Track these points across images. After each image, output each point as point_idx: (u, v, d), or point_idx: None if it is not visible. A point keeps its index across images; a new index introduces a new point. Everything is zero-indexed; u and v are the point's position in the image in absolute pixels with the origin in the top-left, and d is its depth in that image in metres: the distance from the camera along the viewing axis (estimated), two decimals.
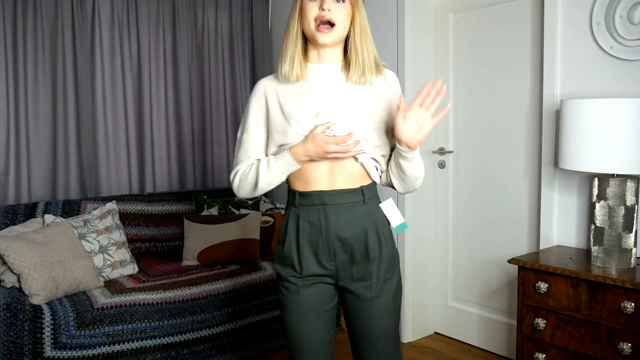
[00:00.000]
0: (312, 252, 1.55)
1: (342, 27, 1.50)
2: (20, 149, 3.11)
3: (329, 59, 1.56)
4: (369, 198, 1.58)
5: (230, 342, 2.85)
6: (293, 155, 1.50)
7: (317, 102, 1.52)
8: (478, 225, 3.05)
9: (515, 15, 2.79)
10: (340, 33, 1.51)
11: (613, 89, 2.33)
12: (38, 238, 2.56)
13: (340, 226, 1.53)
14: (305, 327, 1.57)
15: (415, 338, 3.23)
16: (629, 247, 2.12)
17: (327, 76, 1.55)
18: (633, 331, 1.97)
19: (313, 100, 1.53)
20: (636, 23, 2.24)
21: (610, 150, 2.04)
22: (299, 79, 1.54)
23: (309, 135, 1.49)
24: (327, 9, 1.45)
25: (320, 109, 1.51)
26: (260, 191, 1.58)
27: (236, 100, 3.95)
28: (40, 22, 3.13)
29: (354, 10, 1.52)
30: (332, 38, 1.49)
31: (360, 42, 1.52)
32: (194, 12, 3.71)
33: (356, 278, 1.56)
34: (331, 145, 1.45)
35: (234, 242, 3.15)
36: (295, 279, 1.57)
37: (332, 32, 1.48)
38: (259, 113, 1.58)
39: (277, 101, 1.55)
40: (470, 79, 3.04)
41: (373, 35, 1.63)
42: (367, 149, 1.52)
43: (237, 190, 1.61)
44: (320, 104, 1.52)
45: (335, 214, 1.52)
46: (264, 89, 1.58)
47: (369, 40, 1.54)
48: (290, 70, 1.52)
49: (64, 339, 2.38)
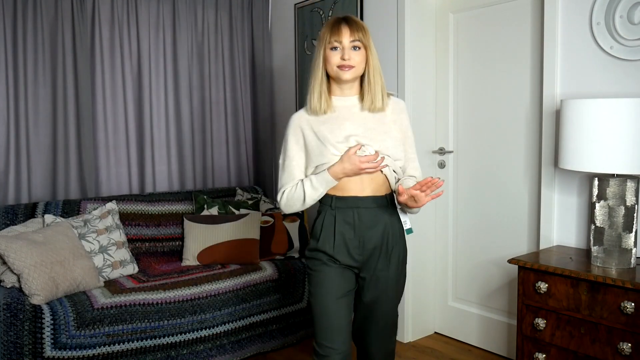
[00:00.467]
0: (344, 245, 1.89)
1: (360, 68, 1.88)
2: (20, 149, 3.11)
3: (349, 92, 1.93)
4: (391, 204, 1.95)
5: (230, 342, 2.85)
6: (332, 175, 1.85)
7: (344, 127, 1.89)
8: (478, 225, 3.05)
9: (515, 15, 2.79)
10: (358, 72, 1.88)
11: (613, 89, 2.33)
12: (38, 238, 2.56)
13: (370, 225, 1.89)
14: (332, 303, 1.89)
15: (415, 338, 3.23)
16: (629, 247, 2.12)
17: (349, 106, 1.93)
18: (633, 331, 1.97)
19: (341, 126, 1.89)
20: (636, 23, 2.24)
21: (610, 150, 2.04)
22: (326, 112, 1.91)
23: (344, 157, 1.83)
24: (348, 58, 1.84)
25: (348, 133, 1.87)
26: (306, 206, 1.91)
27: (236, 100, 3.95)
28: (40, 22, 3.13)
29: (368, 53, 1.88)
30: (352, 75, 1.87)
31: (372, 79, 1.90)
32: (194, 12, 3.71)
33: (375, 267, 1.91)
34: (364, 163, 1.80)
35: (234, 242, 3.15)
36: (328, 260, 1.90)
37: (351, 70, 1.86)
38: (296, 142, 1.93)
39: (311, 130, 1.91)
40: (470, 79, 3.04)
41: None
42: (390, 163, 1.90)
43: (285, 207, 1.93)
44: (348, 129, 1.88)
45: (367, 215, 1.88)
46: (299, 122, 1.94)
47: (378, 76, 1.91)
48: (318, 106, 1.90)
49: (64, 339, 2.38)
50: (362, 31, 1.87)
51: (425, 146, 3.20)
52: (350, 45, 1.85)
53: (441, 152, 3.19)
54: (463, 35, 3.06)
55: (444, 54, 3.15)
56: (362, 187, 1.88)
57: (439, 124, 3.21)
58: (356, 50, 1.86)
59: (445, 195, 3.20)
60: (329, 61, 1.87)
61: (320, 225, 1.92)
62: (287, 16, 3.93)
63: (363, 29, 1.88)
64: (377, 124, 1.91)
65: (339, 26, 1.86)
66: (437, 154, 3.22)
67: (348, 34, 1.85)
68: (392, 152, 1.90)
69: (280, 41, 4.03)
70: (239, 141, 3.99)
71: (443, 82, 3.17)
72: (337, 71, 1.86)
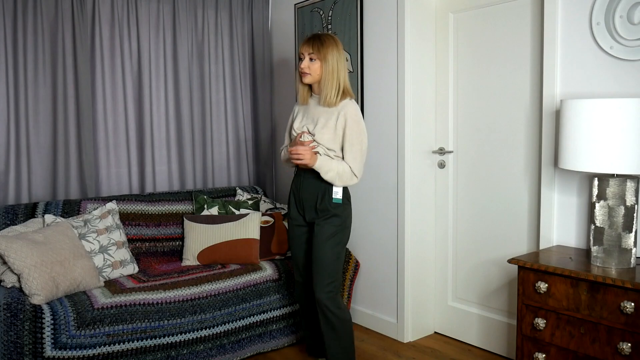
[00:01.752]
0: (294, 204, 2.66)
1: (315, 75, 2.53)
2: (20, 149, 3.11)
3: (316, 91, 2.59)
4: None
5: (230, 342, 2.85)
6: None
7: (307, 117, 2.60)
8: (478, 225, 3.05)
9: (515, 15, 2.79)
10: (313, 78, 2.54)
11: (613, 89, 2.33)
12: (38, 238, 2.56)
13: (307, 190, 2.57)
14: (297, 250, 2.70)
15: (415, 338, 3.23)
16: (629, 247, 2.13)
17: (313, 102, 2.61)
18: (633, 331, 1.97)
19: (306, 116, 2.61)
20: (636, 23, 2.24)
21: (610, 150, 2.04)
22: (304, 103, 2.64)
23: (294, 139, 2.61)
24: (304, 67, 2.52)
25: (305, 122, 2.59)
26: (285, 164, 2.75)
27: (236, 100, 3.95)
28: (40, 22, 3.13)
29: (322, 64, 2.50)
30: (307, 80, 2.55)
31: (324, 82, 2.51)
32: (194, 12, 3.71)
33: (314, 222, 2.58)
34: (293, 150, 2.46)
35: (234, 242, 3.15)
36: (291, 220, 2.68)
37: (307, 77, 2.54)
38: (290, 121, 2.73)
39: (295, 114, 2.69)
40: (470, 79, 3.04)
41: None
42: (322, 150, 2.52)
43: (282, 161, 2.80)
44: (306, 120, 2.59)
45: (306, 183, 2.57)
46: (294, 108, 2.73)
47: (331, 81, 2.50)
48: (300, 99, 2.63)
49: (64, 339, 2.38)
50: (318, 46, 2.48)
51: (425, 146, 3.20)
52: (308, 57, 2.51)
53: (441, 152, 3.19)
54: (463, 35, 3.06)
55: (444, 54, 3.15)
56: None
57: (439, 124, 3.21)
58: (312, 61, 2.50)
59: (445, 195, 3.21)
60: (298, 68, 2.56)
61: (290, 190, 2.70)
62: (287, 16, 3.93)
63: (320, 45, 2.48)
64: (324, 118, 2.52)
65: (303, 43, 2.54)
66: (437, 154, 3.22)
67: (307, 49, 2.50)
68: (325, 142, 2.50)
69: (280, 41, 4.03)
70: (239, 141, 3.99)
71: (443, 82, 3.17)
72: (301, 77, 2.55)
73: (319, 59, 2.48)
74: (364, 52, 3.34)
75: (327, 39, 2.51)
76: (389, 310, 3.29)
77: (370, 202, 3.36)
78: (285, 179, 4.07)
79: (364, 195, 3.39)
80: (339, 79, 2.50)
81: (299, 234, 2.66)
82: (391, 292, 3.26)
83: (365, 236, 3.40)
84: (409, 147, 3.13)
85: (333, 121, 2.49)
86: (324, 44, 2.49)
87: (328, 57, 2.48)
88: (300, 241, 2.66)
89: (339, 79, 2.50)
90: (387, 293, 3.28)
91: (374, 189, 3.33)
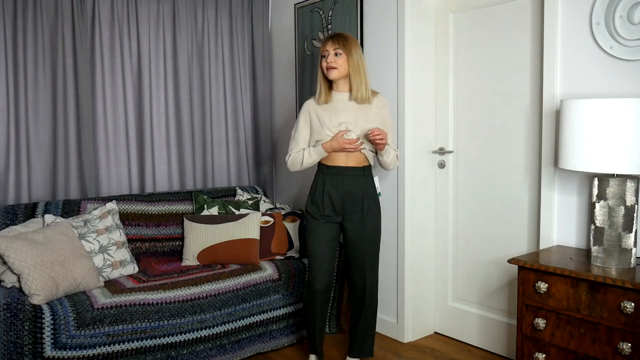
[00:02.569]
0: (330, 202, 2.62)
1: (342, 69, 2.57)
2: (20, 149, 3.11)
3: (342, 88, 2.65)
4: (367, 174, 2.65)
5: (230, 342, 2.85)
6: (324, 148, 2.60)
7: (339, 115, 2.61)
8: (478, 225, 3.05)
9: (515, 15, 2.79)
10: (340, 72, 2.58)
11: (613, 89, 2.33)
12: (38, 238, 2.56)
13: (349, 187, 2.60)
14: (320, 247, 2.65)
15: (415, 338, 3.23)
16: (629, 247, 2.13)
17: (342, 99, 2.64)
18: (633, 331, 1.97)
19: (337, 114, 2.61)
20: (636, 23, 2.24)
21: (610, 150, 2.04)
22: (327, 102, 2.64)
23: (334, 137, 2.58)
24: (331, 62, 2.56)
25: (341, 120, 2.59)
26: (304, 167, 2.68)
27: (236, 100, 3.95)
28: (40, 22, 3.13)
29: (348, 57, 2.56)
30: (334, 75, 2.58)
31: (353, 78, 2.58)
32: (194, 12, 3.71)
33: (354, 219, 2.63)
34: (346, 144, 2.55)
35: (234, 242, 3.15)
36: (318, 216, 2.64)
37: (334, 71, 2.57)
38: (305, 121, 2.69)
39: (315, 115, 2.65)
40: (470, 79, 3.04)
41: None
42: (367, 145, 2.61)
43: (290, 165, 2.71)
44: (341, 117, 2.60)
45: (348, 180, 2.60)
46: (308, 107, 2.69)
47: (360, 75, 2.57)
48: (320, 98, 2.65)
49: (64, 339, 2.38)
50: (343, 42, 2.55)
51: (425, 146, 3.20)
52: (333, 52, 2.56)
53: (441, 152, 3.19)
54: (463, 35, 3.06)
55: (444, 54, 3.15)
56: (346, 161, 2.60)
57: (439, 124, 3.21)
58: (337, 56, 2.56)
59: (445, 195, 3.21)
60: (322, 66, 2.60)
61: (315, 186, 2.67)
62: (287, 16, 3.93)
63: (344, 40, 2.56)
64: (362, 114, 2.59)
65: (326, 41, 2.60)
66: (437, 154, 3.22)
67: (332, 45, 2.56)
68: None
69: (280, 41, 4.03)
70: (239, 141, 3.99)
71: (443, 82, 3.17)
72: (326, 72, 2.58)
73: (344, 53, 2.55)
74: (364, 52, 3.34)
75: (349, 36, 2.62)
76: (389, 310, 3.29)
77: None
78: (285, 179, 4.07)
79: None
80: (365, 74, 2.59)
81: (329, 235, 2.64)
82: (391, 292, 3.26)
83: None
84: (409, 147, 3.12)
85: (372, 115, 2.60)
86: (347, 39, 2.58)
87: (353, 52, 2.56)
88: (329, 242, 2.65)
89: (365, 75, 2.59)
90: (387, 293, 3.28)
91: None
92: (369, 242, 2.64)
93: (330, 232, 2.64)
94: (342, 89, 2.62)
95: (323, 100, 2.63)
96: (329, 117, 2.60)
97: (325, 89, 2.63)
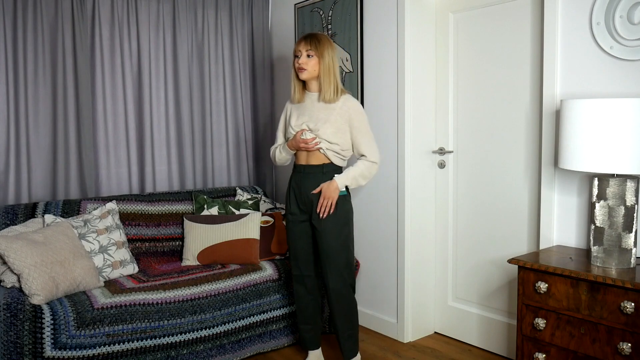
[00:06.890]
0: (295, 199, 2.72)
1: (312, 71, 2.62)
2: (20, 149, 3.11)
3: (313, 89, 2.70)
4: (326, 172, 2.66)
5: (230, 342, 2.85)
6: (288, 146, 2.73)
7: (304, 115, 2.68)
8: (478, 225, 3.05)
9: (515, 15, 2.79)
10: (310, 74, 2.62)
11: (613, 89, 2.33)
12: (38, 238, 2.56)
13: (308, 185, 2.66)
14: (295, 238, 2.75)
15: (415, 338, 3.23)
16: (629, 247, 2.13)
17: (312, 99, 2.69)
18: (633, 331, 1.97)
19: (303, 114, 2.69)
20: (636, 23, 2.24)
21: (610, 150, 2.04)
22: (300, 102, 2.72)
23: (293, 136, 2.68)
24: (302, 63, 2.61)
25: (303, 120, 2.66)
26: (279, 162, 2.84)
27: (236, 100, 3.95)
28: (40, 22, 3.13)
29: (320, 60, 2.60)
30: (305, 76, 2.63)
31: (323, 80, 2.61)
32: (194, 12, 3.71)
33: (316, 218, 2.63)
34: (301, 143, 2.63)
35: (234, 242, 3.15)
36: (289, 213, 2.75)
37: (304, 72, 2.62)
38: (283, 119, 2.83)
39: (290, 113, 2.76)
40: (470, 79, 3.04)
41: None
42: (326, 145, 2.62)
43: (272, 159, 2.90)
44: (304, 117, 2.67)
45: (307, 178, 2.66)
46: (287, 105, 2.82)
47: (330, 77, 2.61)
48: (294, 97, 2.73)
49: (64, 339, 2.38)
50: (315, 44, 2.59)
51: (425, 146, 3.20)
52: (305, 53, 2.60)
53: (441, 152, 3.19)
54: (463, 35, 3.06)
55: (444, 54, 3.15)
56: (307, 159, 2.67)
57: (439, 124, 3.21)
58: (309, 57, 2.60)
59: (445, 195, 3.21)
60: (294, 66, 2.65)
61: (288, 184, 2.77)
62: (287, 16, 3.93)
63: (317, 42, 2.59)
64: (324, 114, 2.62)
65: (299, 41, 2.64)
66: (437, 154, 3.22)
67: (305, 46, 2.60)
68: (328, 136, 2.60)
69: (280, 41, 4.03)
70: (239, 141, 3.99)
71: (443, 82, 3.17)
72: (298, 73, 2.63)
73: (316, 55, 2.59)
74: (364, 52, 3.34)
75: (322, 37, 2.64)
76: (389, 310, 3.29)
77: (370, 202, 3.36)
78: (285, 179, 4.07)
79: (364, 195, 3.39)
80: (335, 75, 2.62)
81: (301, 230, 2.72)
82: (391, 292, 3.26)
83: (365, 236, 3.40)
84: (409, 147, 3.12)
85: (335, 116, 2.60)
86: (320, 41, 2.61)
87: (324, 54, 2.59)
88: (302, 236, 2.72)
89: (335, 76, 2.62)
90: (387, 293, 3.28)
91: (374, 188, 3.33)
92: (326, 242, 2.61)
93: (303, 229, 2.71)
94: (314, 89, 2.67)
95: (297, 100, 2.70)
96: (297, 116, 2.68)
97: (299, 88, 2.70)
